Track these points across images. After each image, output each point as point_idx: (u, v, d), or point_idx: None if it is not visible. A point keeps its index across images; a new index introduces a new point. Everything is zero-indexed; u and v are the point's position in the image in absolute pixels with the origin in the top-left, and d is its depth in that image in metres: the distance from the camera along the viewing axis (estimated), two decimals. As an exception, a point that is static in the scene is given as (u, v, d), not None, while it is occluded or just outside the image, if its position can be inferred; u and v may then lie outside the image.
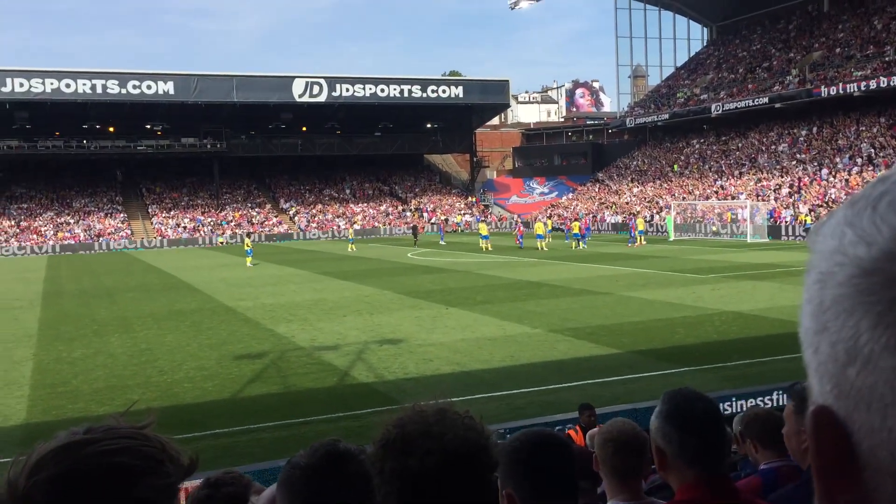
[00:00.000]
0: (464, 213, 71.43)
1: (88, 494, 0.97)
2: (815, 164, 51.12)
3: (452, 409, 1.56)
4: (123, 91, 60.79)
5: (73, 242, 60.35)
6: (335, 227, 66.42)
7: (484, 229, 45.34)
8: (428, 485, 1.47)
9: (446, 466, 1.47)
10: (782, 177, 51.96)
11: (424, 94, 69.69)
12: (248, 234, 49.88)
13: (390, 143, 74.61)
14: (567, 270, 30.45)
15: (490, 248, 42.36)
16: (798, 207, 46.01)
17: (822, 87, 52.37)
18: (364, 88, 67.77)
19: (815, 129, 55.17)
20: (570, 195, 70.24)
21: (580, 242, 42.30)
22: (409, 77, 70.34)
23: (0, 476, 1.03)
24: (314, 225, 68.07)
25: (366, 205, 73.01)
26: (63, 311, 24.39)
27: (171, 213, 68.04)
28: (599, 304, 21.31)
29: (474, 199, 75.55)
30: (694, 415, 2.35)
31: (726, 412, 8.91)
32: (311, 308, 22.62)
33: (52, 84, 58.89)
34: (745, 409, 9.35)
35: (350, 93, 67.44)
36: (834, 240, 0.55)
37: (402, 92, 68.95)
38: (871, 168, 46.51)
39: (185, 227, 65.39)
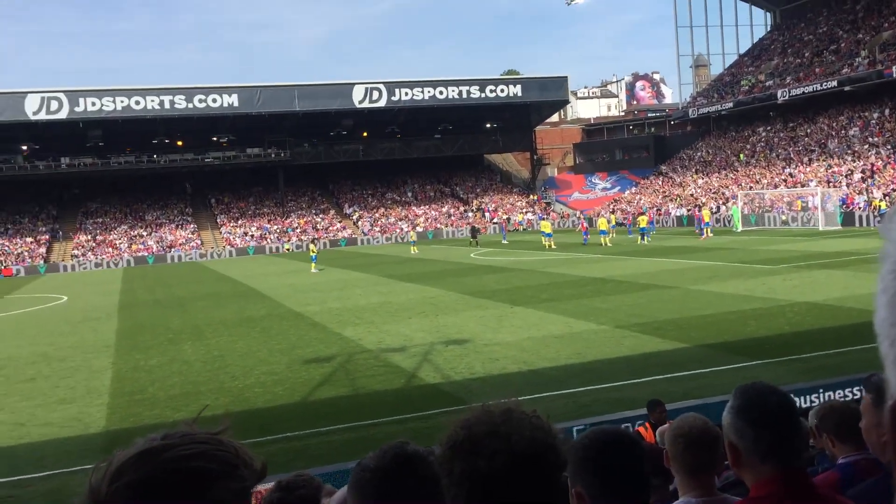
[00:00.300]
0: (525, 212, 71.13)
1: (167, 498, 1.00)
2: (889, 147, 49.34)
3: (519, 409, 1.55)
4: (190, 105, 62.38)
5: (146, 255, 62.18)
6: (398, 231, 66.88)
7: (547, 227, 45.09)
8: (497, 485, 1.47)
9: (514, 467, 1.47)
10: (854, 162, 50.31)
11: (483, 95, 69.66)
12: (314, 241, 50.63)
13: (450, 145, 74.80)
14: (632, 266, 30.04)
15: (553, 246, 42.09)
16: (872, 193, 44.47)
17: (894, 67, 50.50)
18: (423, 92, 68.10)
19: (887, 112, 53.24)
20: (633, 189, 69.31)
21: (645, 237, 41.69)
22: (467, 78, 70.40)
23: (82, 482, 1.07)
24: (377, 229, 68.68)
25: (427, 207, 73.33)
26: (138, 321, 25.12)
27: (239, 222, 69.50)
28: (666, 298, 20.95)
29: (536, 197, 75.17)
30: (767, 409, 2.29)
31: (802, 406, 8.66)
32: (377, 311, 22.81)
33: (122, 102, 60.79)
34: (820, 401, 9.08)
35: (409, 97, 67.85)
36: None
37: (460, 93, 69.07)
38: (949, 149, 44.69)
39: (252, 236, 66.72)
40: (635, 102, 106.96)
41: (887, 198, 42.62)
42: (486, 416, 1.53)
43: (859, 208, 43.57)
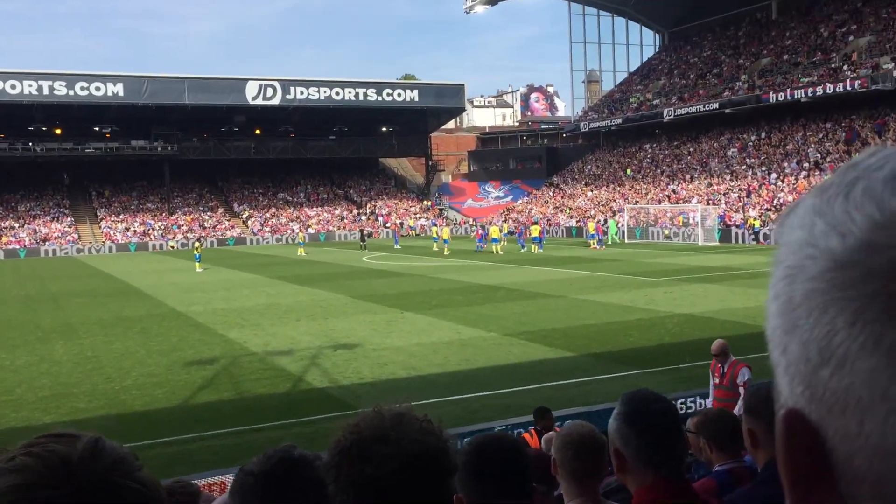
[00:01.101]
0: (419, 217, 71.39)
1: None
2: (765, 168, 52.17)
3: (411, 414, 1.51)
4: (71, 93, 59.56)
5: (17, 247, 58.84)
6: (289, 231, 65.84)
7: (446, 233, 45.63)
8: (384, 490, 1.42)
9: (403, 472, 1.42)
10: (732, 181, 52.91)
11: (380, 98, 69.57)
12: (199, 239, 49.17)
13: (345, 147, 74.26)
14: (522, 274, 30.56)
15: (448, 253, 42.37)
16: (748, 211, 46.88)
17: (771, 92, 53.47)
18: (318, 91, 67.40)
19: (763, 135, 56.31)
20: (526, 199, 70.65)
21: (537, 247, 42.48)
22: (364, 80, 70.19)
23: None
24: (267, 229, 67.40)
25: (320, 209, 72.54)
26: (5, 317, 23.72)
27: (121, 217, 66.77)
28: (554, 307, 21.40)
29: (429, 203, 75.55)
30: (652, 416, 2.31)
31: (680, 413, 8.98)
32: (264, 313, 22.33)
33: (-4, 85, 57.48)
34: (696, 409, 9.44)
35: (304, 96, 67.01)
36: (803, 231, 0.51)
37: (356, 95, 68.74)
38: (818, 173, 47.61)
39: (134, 232, 64.24)
40: (530, 113, 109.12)
41: (761, 217, 45.01)
42: (377, 421, 1.48)
43: (736, 226, 45.83)
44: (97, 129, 66.42)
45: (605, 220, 52.72)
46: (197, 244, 41.40)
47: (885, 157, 0.50)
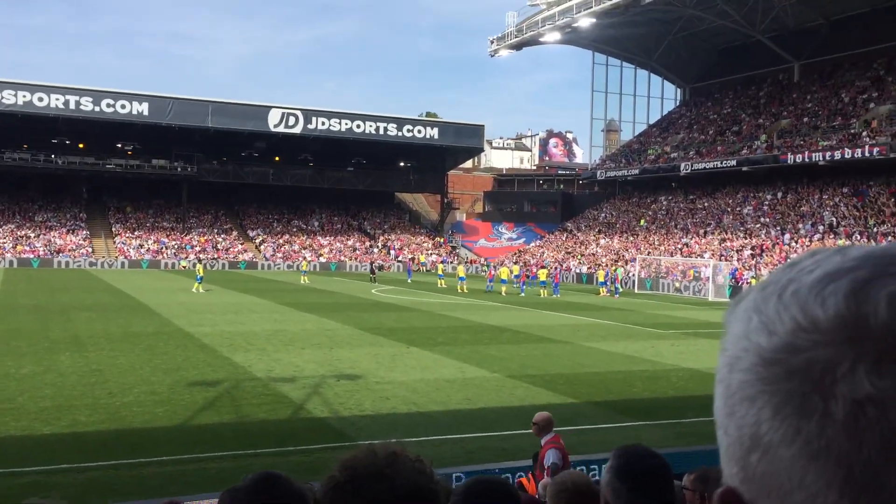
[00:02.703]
0: (431, 253, 71.51)
1: None
2: (778, 228, 52.14)
3: (404, 453, 1.54)
4: (97, 109, 60.40)
5: (31, 257, 59.26)
6: (301, 259, 66.11)
7: (462, 271, 45.93)
8: None
9: None
10: (746, 238, 52.85)
11: (400, 133, 70.15)
12: (200, 260, 49.31)
13: (362, 179, 74.74)
14: (530, 317, 30.51)
15: (465, 291, 42.35)
16: (759, 269, 46.76)
17: (789, 153, 53.63)
18: (340, 123, 68.05)
19: (779, 195, 56.36)
20: (538, 242, 70.71)
21: (550, 291, 42.28)
22: (386, 115, 70.84)
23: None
24: (279, 255, 67.65)
25: (333, 238, 72.80)
26: (15, 325, 23.84)
27: (136, 233, 67.23)
28: (559, 352, 21.34)
29: (442, 240, 75.71)
30: (643, 472, 2.34)
31: (679, 469, 8.91)
32: (270, 338, 22.36)
33: (24, 97, 58.42)
34: (696, 466, 9.36)
35: (325, 126, 67.67)
36: (742, 324, 0.55)
37: (377, 129, 69.35)
38: (832, 236, 47.55)
39: (148, 249, 64.60)
40: (547, 158, 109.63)
41: (772, 275, 44.85)
42: (371, 458, 1.51)
43: (747, 283, 45.66)
44: (119, 145, 67.19)
45: (615, 268, 52.66)
46: (199, 265, 41.56)
47: (817, 262, 0.53)
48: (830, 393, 0.47)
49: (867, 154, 47.90)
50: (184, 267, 60.52)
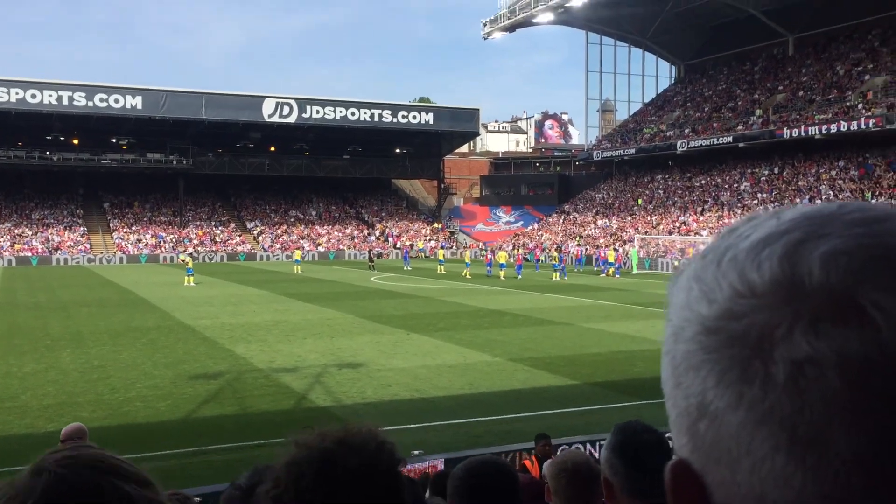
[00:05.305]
0: (429, 239, 71.50)
1: None
2: (776, 204, 52.09)
3: (370, 432, 1.49)
4: (90, 104, 60.18)
5: (30, 255, 59.22)
6: (299, 249, 66.10)
7: (468, 257, 46.28)
8: None
9: (355, 488, 1.41)
10: (743, 215, 52.74)
11: (394, 120, 69.97)
12: (190, 253, 49.26)
13: (358, 167, 74.63)
14: (530, 300, 30.54)
15: (468, 276, 42.25)
16: (758, 246, 46.77)
17: (785, 128, 53.51)
18: (334, 111, 67.87)
19: (776, 170, 56.29)
20: (536, 225, 70.69)
21: (560, 273, 41.85)
22: (380, 102, 70.63)
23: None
24: (278, 245, 67.64)
25: (331, 227, 72.77)
26: (15, 323, 23.87)
27: (133, 228, 67.18)
28: (560, 334, 21.38)
29: (440, 226, 75.69)
30: (642, 448, 2.35)
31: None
32: (271, 329, 22.39)
33: (17, 94, 58.17)
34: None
35: (320, 115, 67.48)
36: (684, 293, 0.55)
37: (372, 116, 69.18)
38: (829, 209, 47.53)
39: (146, 244, 64.57)
40: (543, 140, 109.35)
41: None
42: (333, 437, 1.44)
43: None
44: (114, 140, 66.96)
45: (626, 251, 52.71)
46: (188, 258, 41.43)
47: (754, 226, 0.54)
48: (770, 356, 0.48)
49: (863, 126, 47.78)
50: (182, 261, 60.43)
